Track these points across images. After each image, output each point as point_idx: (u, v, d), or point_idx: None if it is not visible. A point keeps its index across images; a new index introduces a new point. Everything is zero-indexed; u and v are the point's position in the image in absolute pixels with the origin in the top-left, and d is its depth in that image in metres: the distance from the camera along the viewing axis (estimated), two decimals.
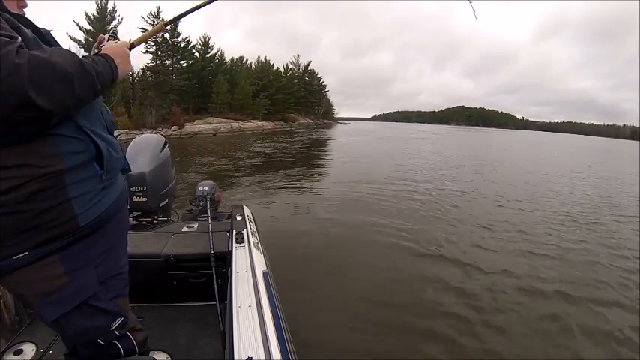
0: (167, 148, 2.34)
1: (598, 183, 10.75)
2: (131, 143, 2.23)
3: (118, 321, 0.95)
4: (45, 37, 0.81)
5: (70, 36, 23.67)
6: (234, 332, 1.05)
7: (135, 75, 28.78)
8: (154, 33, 1.22)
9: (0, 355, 1.32)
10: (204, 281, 1.72)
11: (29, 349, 1.39)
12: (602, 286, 3.40)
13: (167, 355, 1.42)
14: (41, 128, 0.72)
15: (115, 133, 1.00)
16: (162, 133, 23.00)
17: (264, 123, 38.19)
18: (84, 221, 0.82)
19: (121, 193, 0.98)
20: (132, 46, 1.00)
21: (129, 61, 0.91)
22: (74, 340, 0.99)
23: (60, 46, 0.87)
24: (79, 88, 0.70)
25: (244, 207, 2.28)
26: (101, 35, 0.99)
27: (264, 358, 0.94)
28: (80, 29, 24.75)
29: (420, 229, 4.81)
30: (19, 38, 0.66)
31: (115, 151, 0.91)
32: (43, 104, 0.64)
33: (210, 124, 29.74)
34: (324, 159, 14.21)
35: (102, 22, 24.77)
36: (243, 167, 10.62)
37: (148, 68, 30.39)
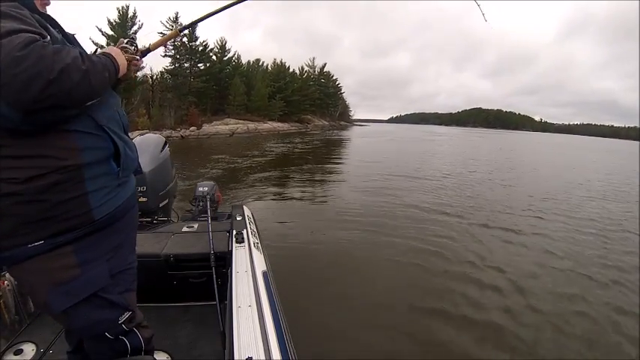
0: (167, 148, 2.35)
1: None
2: None
3: (126, 315, 0.96)
4: (69, 39, 0.86)
5: (92, 41, 24.58)
6: (234, 332, 1.04)
7: (154, 77, 29.64)
8: (169, 38, 1.30)
9: (0, 355, 1.33)
10: (204, 281, 1.71)
11: (29, 349, 1.39)
12: None
13: (167, 355, 1.41)
14: (58, 119, 0.75)
15: (136, 133, 1.02)
16: (181, 133, 23.81)
17: (279, 124, 38.52)
18: (98, 215, 0.85)
19: (133, 192, 1.02)
20: (148, 50, 1.11)
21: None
22: (81, 333, 0.99)
23: (83, 49, 0.93)
24: (93, 79, 0.74)
25: (244, 207, 2.27)
26: (121, 39, 1.05)
27: (264, 358, 0.94)
28: (102, 34, 25.70)
29: (435, 233, 4.67)
30: (48, 37, 0.70)
31: (130, 151, 0.95)
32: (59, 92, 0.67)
33: (227, 124, 30.30)
34: (332, 159, 14.27)
35: (123, 27, 25.58)
36: (254, 165, 10.81)
37: (167, 71, 31.20)
